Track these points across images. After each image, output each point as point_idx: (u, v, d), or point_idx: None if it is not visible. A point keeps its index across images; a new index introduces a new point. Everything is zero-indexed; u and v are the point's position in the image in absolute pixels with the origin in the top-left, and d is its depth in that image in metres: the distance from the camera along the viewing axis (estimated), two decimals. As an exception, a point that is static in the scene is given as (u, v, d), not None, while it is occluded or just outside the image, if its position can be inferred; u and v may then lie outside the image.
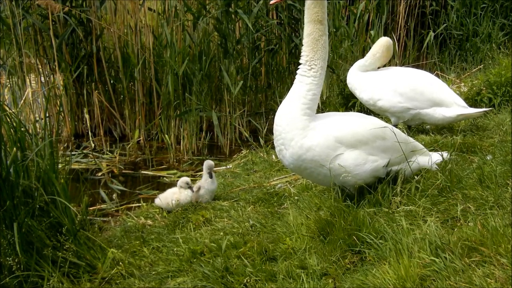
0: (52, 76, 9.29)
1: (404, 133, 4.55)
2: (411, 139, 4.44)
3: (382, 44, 6.32)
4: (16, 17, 8.44)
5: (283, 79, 9.83)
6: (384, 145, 4.14)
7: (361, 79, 6.31)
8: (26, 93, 8.82)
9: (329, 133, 4.03)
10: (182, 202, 5.16)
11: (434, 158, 4.43)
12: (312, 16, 4.07)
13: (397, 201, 3.88)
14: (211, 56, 8.99)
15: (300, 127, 4.05)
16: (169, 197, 5.22)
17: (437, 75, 7.53)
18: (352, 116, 4.39)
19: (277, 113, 4.20)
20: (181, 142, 8.65)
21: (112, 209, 6.15)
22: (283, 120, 4.12)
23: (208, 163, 5.28)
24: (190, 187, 5.22)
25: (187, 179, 5.28)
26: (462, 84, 8.10)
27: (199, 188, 5.21)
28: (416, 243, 3.17)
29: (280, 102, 4.29)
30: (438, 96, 5.95)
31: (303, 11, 4.14)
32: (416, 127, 6.32)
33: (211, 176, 5.23)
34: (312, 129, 4.06)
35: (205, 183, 5.23)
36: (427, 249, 3.08)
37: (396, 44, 10.76)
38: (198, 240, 4.24)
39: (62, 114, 9.17)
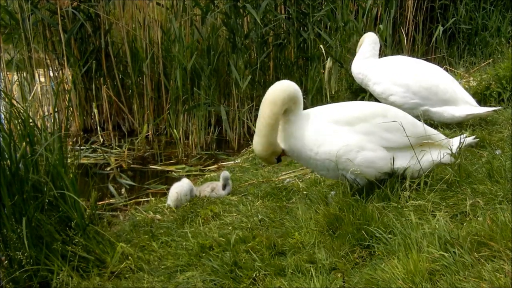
0: (60, 71, 9.33)
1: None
2: (423, 125, 4.21)
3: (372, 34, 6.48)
4: (25, 12, 8.48)
5: (292, 73, 9.80)
6: (386, 124, 3.97)
7: (373, 69, 6.25)
8: (35, 88, 8.86)
9: (322, 118, 4.01)
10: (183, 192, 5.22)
11: (455, 145, 4.20)
12: None
13: (406, 196, 3.86)
14: (219, 51, 9.00)
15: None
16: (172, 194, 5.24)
17: (446, 70, 7.49)
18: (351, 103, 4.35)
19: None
20: (190, 137, 8.67)
21: (121, 204, 6.18)
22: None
23: (225, 174, 5.31)
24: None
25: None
26: (471, 78, 8.06)
27: (212, 190, 5.24)
28: (425, 238, 3.16)
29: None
30: (450, 95, 5.91)
31: (312, 5, 4.11)
32: (423, 122, 6.29)
33: (224, 188, 5.26)
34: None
35: (220, 189, 5.26)
36: (436, 244, 3.07)
37: (405, 38, 10.72)
38: (207, 234, 4.25)
39: (71, 109, 9.20)
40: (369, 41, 6.38)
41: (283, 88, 3.92)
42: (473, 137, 4.45)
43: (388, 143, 3.99)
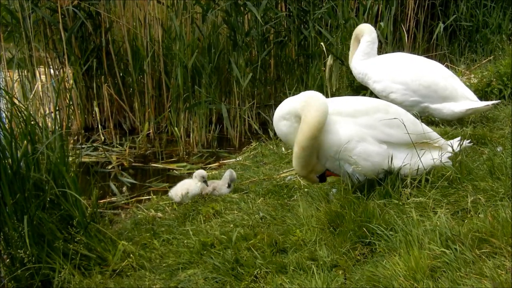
0: (61, 69, 9.33)
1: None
2: (422, 124, 4.22)
3: (369, 29, 6.41)
4: (26, 10, 8.48)
5: (292, 71, 9.79)
6: (387, 119, 3.98)
7: (373, 67, 6.24)
8: (36, 86, 8.86)
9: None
10: (192, 192, 5.19)
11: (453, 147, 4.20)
12: None
13: (407, 193, 3.86)
14: (220, 49, 8.99)
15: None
16: (179, 189, 5.24)
17: (446, 67, 7.47)
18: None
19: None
20: (191, 135, 8.67)
21: (122, 202, 6.18)
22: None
23: (233, 175, 5.30)
24: (205, 181, 5.24)
25: (204, 173, 5.32)
26: (472, 75, 8.05)
27: (214, 189, 5.24)
28: (426, 235, 3.16)
29: (289, 94, 4.27)
30: (450, 92, 5.91)
31: (313, 3, 4.10)
32: (425, 118, 6.29)
33: (229, 186, 5.25)
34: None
35: (222, 187, 5.25)
36: (438, 241, 3.07)
37: (406, 35, 10.70)
38: (208, 232, 4.25)
39: (72, 107, 9.20)
40: (368, 40, 6.36)
41: (319, 118, 3.84)
42: (468, 141, 4.44)
43: (388, 138, 4.00)
